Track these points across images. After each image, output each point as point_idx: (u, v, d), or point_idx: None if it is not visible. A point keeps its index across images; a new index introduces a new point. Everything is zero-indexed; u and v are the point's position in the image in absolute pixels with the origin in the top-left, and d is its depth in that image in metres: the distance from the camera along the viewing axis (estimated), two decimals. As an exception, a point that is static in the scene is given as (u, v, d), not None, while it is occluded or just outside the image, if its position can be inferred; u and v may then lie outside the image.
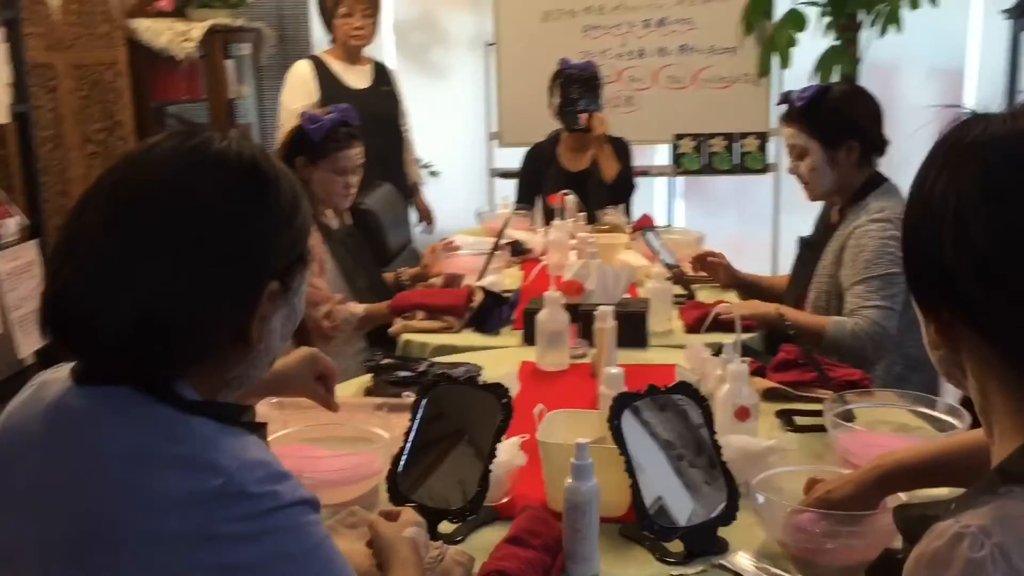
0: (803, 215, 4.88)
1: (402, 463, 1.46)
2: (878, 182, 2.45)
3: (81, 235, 0.97)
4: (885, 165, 2.54)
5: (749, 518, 1.40)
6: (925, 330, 0.93)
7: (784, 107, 2.52)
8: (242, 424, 0.99)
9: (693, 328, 2.38)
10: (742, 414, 1.62)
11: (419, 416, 1.49)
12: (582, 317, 2.23)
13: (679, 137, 4.70)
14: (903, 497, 1.35)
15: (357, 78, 3.99)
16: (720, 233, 3.61)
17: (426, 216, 4.31)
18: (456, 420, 1.49)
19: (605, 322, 1.93)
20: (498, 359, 2.20)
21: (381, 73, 4.08)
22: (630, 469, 1.35)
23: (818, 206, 4.65)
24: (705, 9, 4.58)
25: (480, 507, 1.39)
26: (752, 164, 4.71)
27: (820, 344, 2.23)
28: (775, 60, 4.48)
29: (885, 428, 1.72)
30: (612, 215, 3.45)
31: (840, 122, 2.43)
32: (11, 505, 0.96)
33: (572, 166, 3.87)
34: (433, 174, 5.08)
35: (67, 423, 0.96)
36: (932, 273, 0.86)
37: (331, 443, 1.64)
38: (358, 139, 2.82)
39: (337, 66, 3.96)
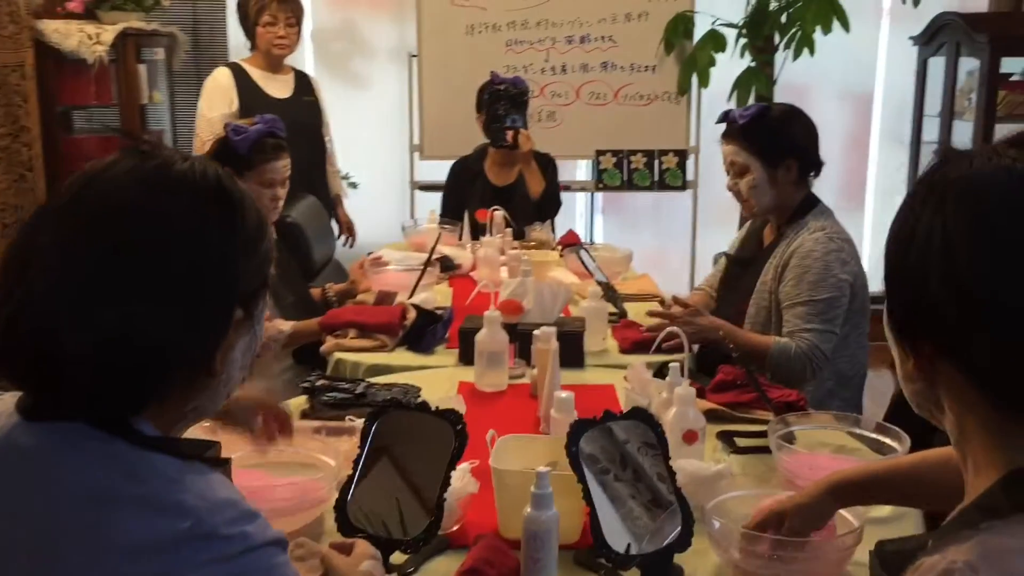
0: (720, 231, 5.00)
1: (351, 491, 1.41)
2: (814, 201, 2.51)
3: (35, 257, 0.91)
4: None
5: (703, 543, 1.40)
6: (901, 365, 0.94)
7: (723, 125, 2.54)
8: (205, 460, 0.94)
9: (629, 350, 2.38)
10: (690, 437, 1.62)
11: (368, 442, 1.45)
12: (520, 337, 2.21)
13: (600, 153, 4.74)
14: (846, 515, 1.37)
15: (278, 87, 3.91)
16: (638, 248, 3.64)
17: (348, 229, 4.25)
18: (407, 446, 1.45)
19: (548, 343, 1.91)
20: (435, 379, 2.17)
21: (303, 83, 4.00)
22: (588, 497, 1.34)
23: (735, 222, 4.77)
24: (627, 27, 4.63)
25: (434, 536, 1.36)
26: (671, 180, 4.78)
27: (762, 364, 2.26)
28: (694, 79, 4.56)
29: (825, 449, 1.74)
30: (539, 231, 3.46)
31: (780, 141, 2.47)
32: None
33: (498, 181, 3.86)
34: (353, 185, 5.01)
35: (17, 463, 0.90)
36: (919, 308, 0.86)
37: (271, 469, 1.58)
38: (285, 150, 2.76)
39: (258, 75, 3.87)
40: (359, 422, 1.72)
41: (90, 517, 0.85)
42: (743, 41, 4.51)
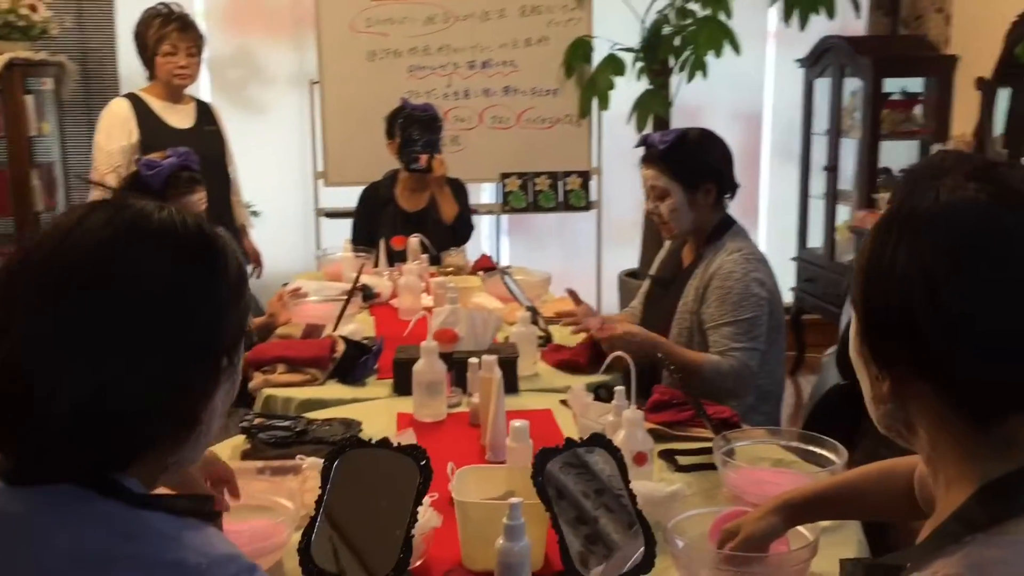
0: (623, 250, 5.12)
1: (314, 532, 1.40)
2: (730, 222, 2.59)
3: (12, 315, 0.88)
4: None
5: (665, 562, 1.43)
6: (872, 387, 0.98)
7: (642, 149, 2.61)
8: (199, 514, 0.93)
9: (566, 367, 2.43)
10: (640, 459, 1.66)
11: (330, 481, 1.43)
12: (455, 365, 2.22)
13: (505, 176, 4.79)
14: (800, 528, 1.43)
15: (180, 118, 3.82)
16: (544, 268, 3.69)
17: (255, 259, 4.17)
18: (369, 484, 1.44)
19: (491, 372, 1.93)
20: (372, 411, 2.16)
21: (204, 112, 3.92)
22: (556, 525, 1.36)
23: (637, 241, 4.88)
24: (527, 52, 4.70)
25: (404, 574, 1.36)
26: (575, 201, 4.86)
27: (693, 381, 2.32)
28: (595, 102, 4.66)
29: (765, 463, 1.81)
30: (455, 256, 3.47)
31: (699, 165, 2.55)
32: None
33: (409, 207, 3.86)
34: (255, 214, 4.92)
35: (5, 531, 0.86)
36: (899, 334, 0.91)
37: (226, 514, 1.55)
38: (200, 183, 2.71)
39: (158, 105, 3.77)
40: (311, 460, 1.70)
41: None
42: (640, 65, 4.64)
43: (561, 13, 4.69)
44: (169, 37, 3.68)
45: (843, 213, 4.80)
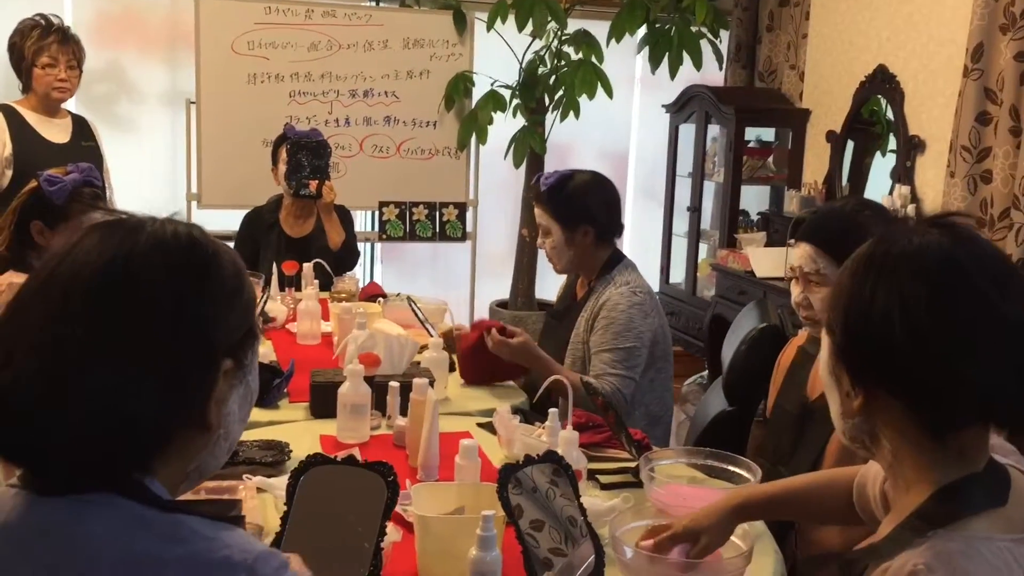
0: (496, 281, 5.25)
1: (280, 549, 1.42)
2: (620, 257, 2.74)
3: (22, 337, 0.91)
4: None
5: (612, 571, 1.53)
6: (842, 404, 1.12)
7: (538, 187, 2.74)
8: (228, 519, 0.96)
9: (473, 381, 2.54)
10: (576, 476, 1.76)
11: (294, 499, 1.46)
12: (376, 388, 2.26)
13: (383, 204, 4.84)
14: (734, 539, 1.56)
15: (56, 132, 3.69)
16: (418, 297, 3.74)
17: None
18: (335, 500, 1.48)
19: (423, 394, 1.99)
20: (294, 434, 2.16)
21: (81, 127, 3.80)
22: (520, 536, 1.44)
23: (510, 273, 5.02)
24: (409, 84, 4.79)
25: (376, 585, 1.40)
26: (452, 232, 4.96)
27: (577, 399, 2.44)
28: (474, 136, 4.79)
29: (682, 481, 1.94)
30: (347, 282, 3.49)
31: (577, 209, 2.69)
32: None
33: (294, 232, 3.85)
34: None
35: (38, 540, 0.88)
36: (876, 356, 1.05)
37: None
38: (104, 200, 2.64)
39: (33, 118, 3.64)
40: (256, 479, 1.71)
41: None
42: (516, 102, 4.81)
43: (443, 48, 4.81)
44: (48, 49, 3.57)
45: (703, 251, 5.10)
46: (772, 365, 2.41)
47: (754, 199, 4.99)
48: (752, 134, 4.91)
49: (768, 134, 5.01)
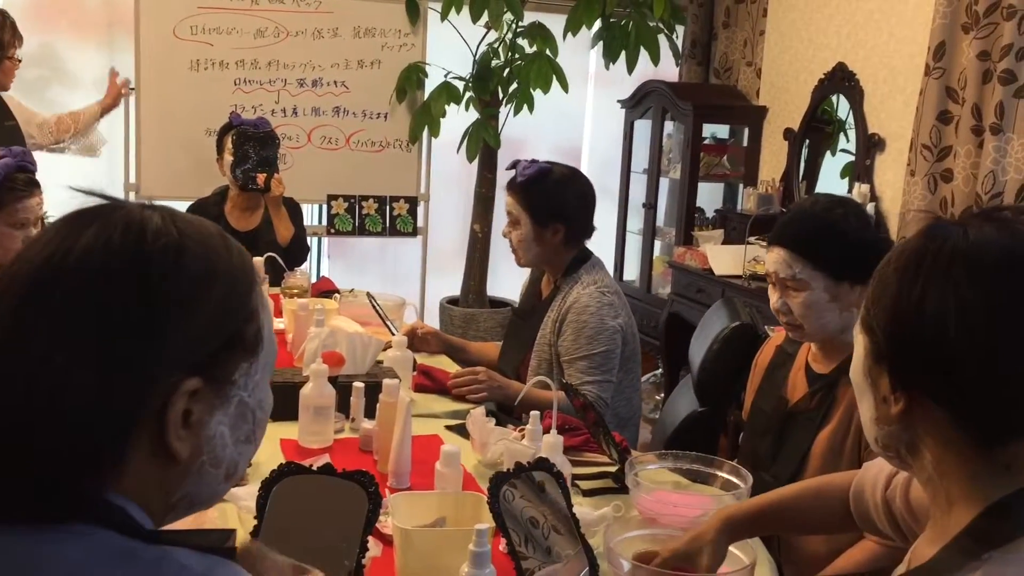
0: (446, 277, 5.13)
1: (250, 567, 1.29)
2: (587, 255, 2.65)
3: None
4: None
5: (606, 585, 1.44)
6: (877, 409, 1.03)
7: (511, 173, 2.63)
8: (221, 552, 0.83)
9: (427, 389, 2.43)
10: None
11: (267, 512, 1.33)
12: (340, 389, 2.13)
13: (332, 198, 4.68)
14: (737, 552, 1.47)
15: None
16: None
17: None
18: (309, 512, 1.36)
19: (394, 396, 1.87)
20: (250, 438, 2.03)
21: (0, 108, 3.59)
22: (512, 548, 1.33)
23: (461, 268, 4.90)
24: (360, 74, 4.64)
25: (356, 606, 1.29)
26: (402, 227, 4.83)
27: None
28: (426, 129, 4.66)
29: (667, 486, 1.85)
30: (298, 278, 3.34)
31: (550, 205, 2.57)
32: None
33: (241, 226, 3.69)
34: (53, 226, 4.54)
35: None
36: (926, 361, 0.96)
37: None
38: (39, 186, 2.47)
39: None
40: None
41: None
42: (470, 95, 4.69)
43: (395, 38, 4.67)
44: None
45: (658, 248, 5.04)
46: (744, 365, 2.34)
47: (709, 196, 4.95)
48: (708, 131, 4.86)
49: (723, 131, 4.97)
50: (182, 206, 3.73)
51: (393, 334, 2.57)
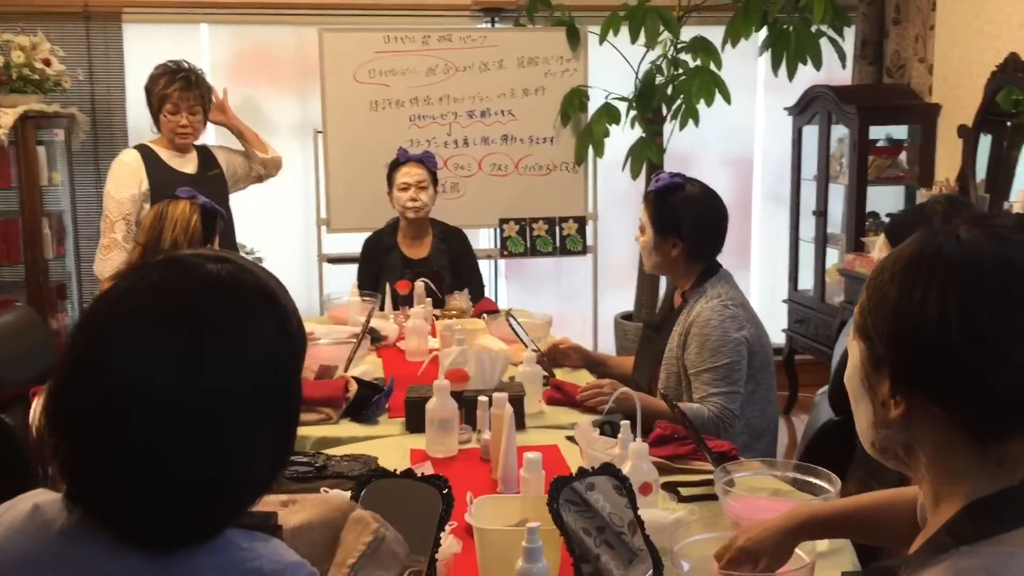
0: (619, 293, 5.24)
1: (343, 559, 1.48)
2: (715, 269, 2.70)
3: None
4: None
5: (672, 586, 1.52)
6: (874, 412, 1.07)
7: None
8: (265, 528, 1.02)
9: (559, 403, 2.57)
10: (645, 489, 1.75)
11: (357, 511, 1.52)
12: (465, 403, 2.31)
13: (504, 221, 4.92)
14: (798, 551, 1.52)
15: (184, 163, 3.93)
16: (542, 311, 3.79)
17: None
18: (393, 512, 1.53)
19: (502, 408, 2.02)
20: (386, 448, 2.25)
21: (205, 157, 4.03)
22: (571, 548, 1.45)
23: (632, 285, 4.99)
24: (525, 102, 4.86)
25: (429, 596, 1.45)
26: (572, 246, 4.99)
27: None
28: (591, 150, 4.81)
29: (763, 493, 1.90)
30: (458, 300, 3.57)
31: (671, 220, 2.66)
32: None
33: (412, 254, 3.97)
34: (258, 260, 5.04)
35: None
36: (928, 363, 1.00)
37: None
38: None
39: (165, 154, 3.89)
40: (336, 493, 1.79)
41: None
42: (633, 113, 4.80)
43: (557, 64, 4.85)
44: (171, 97, 3.77)
45: (832, 256, 4.93)
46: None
47: (886, 200, 4.79)
48: (882, 132, 4.72)
49: (901, 132, 4.81)
50: (364, 237, 4.08)
51: (531, 351, 2.72)
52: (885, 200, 4.77)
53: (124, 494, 0.92)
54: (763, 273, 5.66)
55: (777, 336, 5.53)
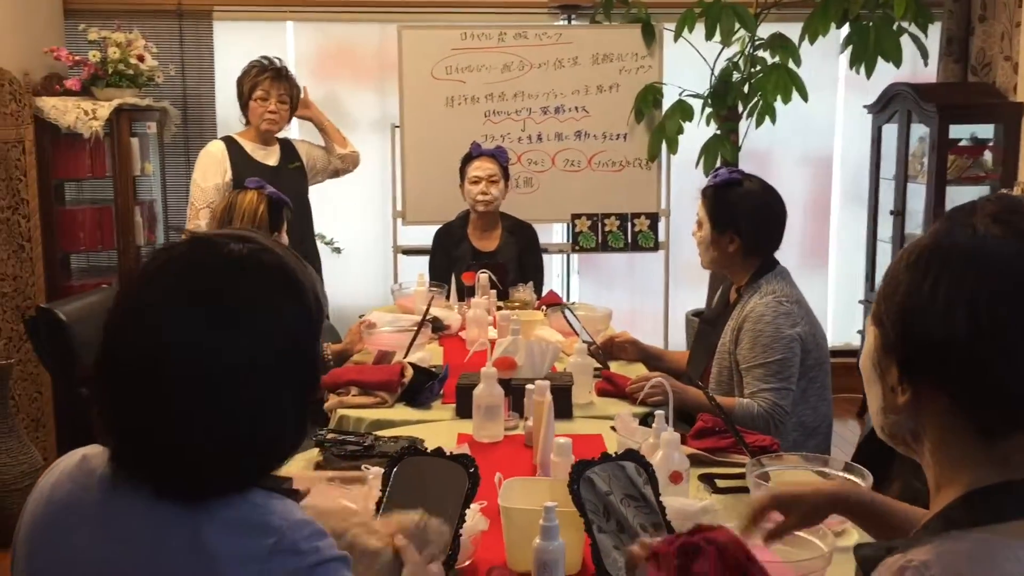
0: (691, 290, 5.23)
1: (375, 531, 1.56)
2: (772, 265, 2.70)
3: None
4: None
5: (692, 571, 1.55)
6: (884, 398, 1.09)
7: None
8: (282, 491, 1.11)
9: (610, 394, 2.60)
10: (676, 478, 1.79)
11: (389, 485, 1.60)
12: (513, 391, 2.38)
13: (576, 217, 4.96)
14: (816, 541, 1.54)
15: (268, 157, 4.10)
16: (614, 307, 3.84)
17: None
18: (423, 488, 1.61)
19: (543, 396, 2.08)
20: (434, 432, 2.33)
21: (287, 150, 4.19)
22: (589, 529, 1.50)
23: (705, 282, 4.98)
24: (599, 99, 4.89)
25: (451, 570, 1.51)
26: (644, 242, 5.00)
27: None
28: (664, 146, 4.81)
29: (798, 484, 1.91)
30: (522, 292, 3.64)
31: (728, 215, 2.68)
32: None
33: (481, 246, 4.06)
34: (337, 251, 5.21)
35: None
36: (937, 353, 1.02)
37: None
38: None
39: (249, 147, 4.06)
40: (375, 470, 1.87)
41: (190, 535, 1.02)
42: (708, 110, 4.78)
43: (632, 61, 4.87)
44: (262, 84, 3.98)
45: (911, 257, 4.82)
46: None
47: (967, 200, 4.64)
48: (966, 131, 4.61)
49: (987, 131, 4.68)
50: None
51: (583, 342, 2.77)
52: (965, 200, 4.64)
53: (160, 447, 1.04)
54: (841, 273, 5.58)
55: (853, 337, 5.45)
